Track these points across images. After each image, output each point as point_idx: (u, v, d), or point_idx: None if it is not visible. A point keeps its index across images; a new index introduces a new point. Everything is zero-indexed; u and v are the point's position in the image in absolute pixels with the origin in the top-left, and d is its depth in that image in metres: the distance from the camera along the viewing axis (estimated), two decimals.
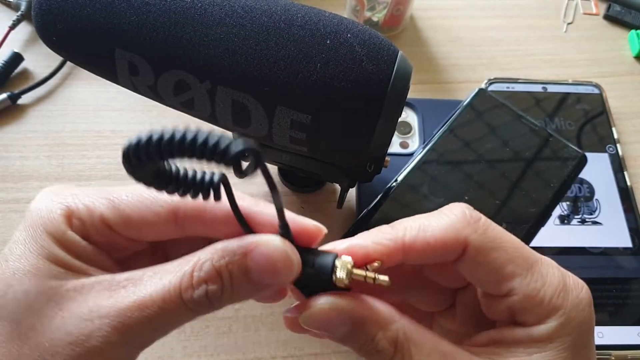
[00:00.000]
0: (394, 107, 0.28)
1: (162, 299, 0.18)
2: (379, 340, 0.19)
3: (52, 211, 0.20)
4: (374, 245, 0.20)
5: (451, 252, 0.20)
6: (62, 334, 0.18)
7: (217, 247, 0.19)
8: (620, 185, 0.43)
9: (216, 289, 0.18)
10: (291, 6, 0.28)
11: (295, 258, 0.19)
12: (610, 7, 0.54)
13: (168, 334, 0.25)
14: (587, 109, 0.47)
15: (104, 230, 0.21)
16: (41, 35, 0.30)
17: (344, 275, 0.19)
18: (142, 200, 0.21)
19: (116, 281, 0.19)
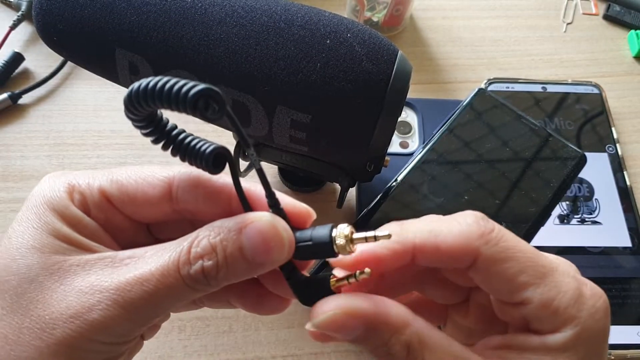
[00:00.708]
0: (394, 106, 0.28)
1: (161, 274, 0.18)
2: (393, 344, 0.19)
3: (54, 189, 0.21)
4: (382, 248, 0.20)
5: (461, 261, 0.20)
6: (63, 308, 0.18)
7: (215, 225, 0.19)
8: (620, 185, 0.43)
9: (212, 265, 0.18)
10: (291, 6, 0.28)
11: (287, 234, 0.19)
12: (610, 7, 0.54)
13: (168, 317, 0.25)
14: (586, 108, 0.47)
15: (104, 204, 0.21)
16: (42, 35, 0.30)
17: (343, 241, 0.19)
18: (139, 174, 0.21)
19: (119, 258, 0.19)
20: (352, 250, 0.19)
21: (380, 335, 0.19)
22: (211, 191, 0.21)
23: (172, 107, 0.16)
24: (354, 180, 0.34)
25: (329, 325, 0.19)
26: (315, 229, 0.20)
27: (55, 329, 0.18)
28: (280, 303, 0.23)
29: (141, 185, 0.21)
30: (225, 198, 0.21)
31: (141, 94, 0.17)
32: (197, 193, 0.21)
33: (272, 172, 0.42)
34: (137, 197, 0.21)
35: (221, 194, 0.21)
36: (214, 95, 0.16)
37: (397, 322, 0.19)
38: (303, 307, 0.36)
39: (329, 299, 0.20)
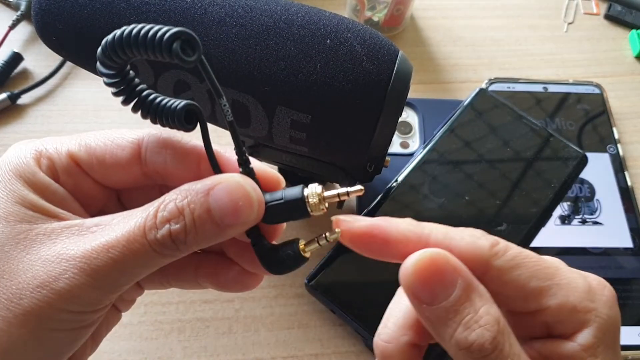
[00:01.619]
0: (395, 106, 0.28)
1: (127, 240, 0.18)
2: (485, 314, 0.18)
3: (21, 156, 0.20)
4: (397, 233, 0.20)
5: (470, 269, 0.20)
6: (29, 278, 0.18)
7: (182, 188, 0.19)
8: (621, 185, 0.42)
9: (179, 228, 0.18)
10: (291, 6, 0.28)
11: (256, 194, 0.19)
12: (611, 7, 0.54)
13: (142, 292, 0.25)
14: (587, 109, 0.47)
15: (72, 169, 0.20)
16: (41, 35, 0.30)
17: (317, 199, 0.19)
18: (109, 137, 0.21)
19: (86, 226, 0.19)
20: (325, 208, 0.19)
21: (473, 301, 0.18)
22: (180, 152, 0.21)
23: (148, 52, 0.16)
24: (354, 180, 0.34)
25: (428, 269, 0.18)
26: (286, 189, 0.20)
27: (23, 299, 0.17)
28: (251, 279, 0.23)
29: (110, 148, 0.20)
30: (195, 160, 0.21)
31: (117, 42, 0.16)
32: (166, 154, 0.20)
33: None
34: (105, 160, 0.21)
35: (190, 155, 0.20)
36: (189, 38, 0.16)
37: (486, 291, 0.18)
38: (303, 309, 0.36)
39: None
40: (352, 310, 0.34)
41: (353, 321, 0.34)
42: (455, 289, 0.18)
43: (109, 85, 0.18)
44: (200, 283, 0.24)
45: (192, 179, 0.19)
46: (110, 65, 0.17)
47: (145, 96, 0.18)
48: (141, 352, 0.34)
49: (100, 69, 0.18)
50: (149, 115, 0.19)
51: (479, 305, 0.18)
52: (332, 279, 0.35)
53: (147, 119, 0.19)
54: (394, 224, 0.20)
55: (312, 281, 0.35)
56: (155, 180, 0.21)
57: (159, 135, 0.21)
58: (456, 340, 0.18)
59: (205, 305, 0.36)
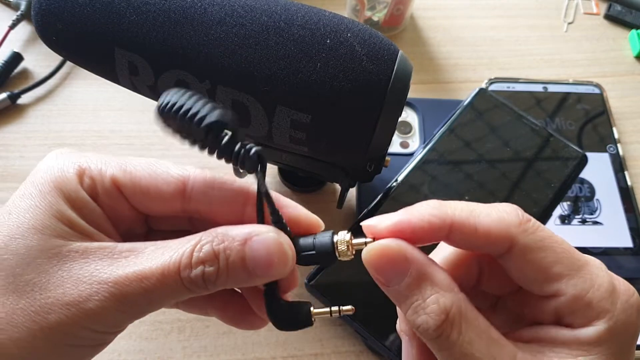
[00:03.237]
0: (394, 106, 0.28)
1: (161, 273, 0.18)
2: (431, 303, 0.19)
3: (64, 169, 0.20)
4: (420, 221, 0.20)
5: (497, 245, 0.20)
6: (59, 294, 0.18)
7: (218, 231, 0.19)
8: (621, 185, 0.42)
9: (212, 271, 0.19)
10: (291, 5, 0.28)
11: (291, 252, 0.20)
12: (611, 6, 0.54)
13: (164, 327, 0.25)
14: (587, 108, 0.47)
15: (113, 193, 0.21)
16: (41, 35, 0.30)
17: (345, 247, 0.20)
18: (154, 169, 0.21)
19: (119, 250, 0.19)
20: (352, 254, 0.20)
21: (422, 291, 0.19)
22: (227, 195, 0.21)
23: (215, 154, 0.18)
24: (354, 180, 0.34)
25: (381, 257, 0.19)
26: (317, 237, 0.20)
27: (50, 314, 0.18)
28: (258, 321, 0.24)
29: (155, 180, 0.21)
30: (240, 204, 0.21)
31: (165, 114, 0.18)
32: (213, 195, 0.21)
33: (272, 172, 0.42)
34: (149, 192, 0.21)
35: (237, 199, 0.21)
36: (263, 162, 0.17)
37: (443, 283, 0.19)
38: None
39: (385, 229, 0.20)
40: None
41: (353, 321, 0.34)
42: (406, 276, 0.19)
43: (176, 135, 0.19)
44: (209, 312, 0.24)
45: (233, 222, 0.20)
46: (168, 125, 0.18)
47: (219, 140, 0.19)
48: (141, 351, 0.34)
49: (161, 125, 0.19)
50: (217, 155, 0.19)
51: (428, 294, 0.19)
52: (332, 279, 0.35)
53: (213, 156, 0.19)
54: (416, 214, 0.20)
55: (312, 281, 0.35)
56: (193, 215, 0.22)
57: (205, 175, 0.21)
58: (408, 319, 0.19)
59: None
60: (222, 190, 0.21)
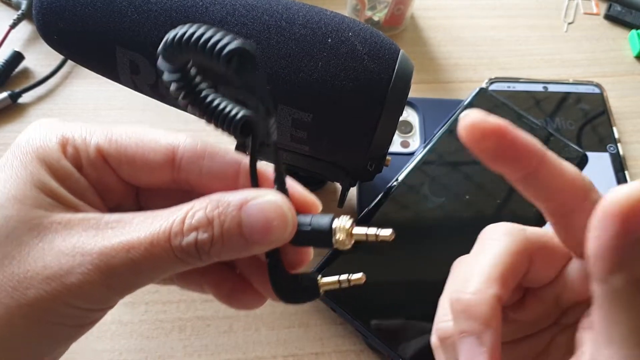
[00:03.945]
0: (395, 105, 0.28)
1: (149, 242, 0.17)
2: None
3: (46, 139, 0.19)
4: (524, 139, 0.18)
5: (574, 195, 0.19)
6: (39, 267, 0.17)
7: (212, 197, 0.18)
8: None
9: (206, 238, 0.17)
10: (292, 5, 0.28)
11: (291, 217, 0.18)
12: (611, 7, 0.54)
13: None
14: (587, 108, 0.47)
15: (98, 163, 0.20)
16: (42, 34, 0.30)
17: (343, 236, 0.18)
18: (141, 137, 0.20)
19: (104, 221, 0.18)
20: (350, 244, 0.18)
21: None
22: (219, 165, 0.20)
23: (205, 59, 0.16)
24: (355, 179, 0.34)
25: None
26: (316, 216, 0.19)
27: (29, 289, 0.17)
28: (255, 299, 0.22)
29: (142, 149, 0.20)
30: (232, 173, 0.20)
31: (176, 43, 0.16)
32: (203, 165, 0.20)
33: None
34: (136, 161, 0.20)
35: (228, 168, 0.20)
36: (248, 56, 0.15)
37: None
38: (304, 308, 0.36)
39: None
40: (353, 308, 0.34)
41: (354, 320, 0.34)
42: None
43: (168, 83, 0.17)
44: (205, 289, 0.23)
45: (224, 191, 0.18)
46: (170, 62, 0.17)
47: (204, 97, 0.18)
48: (142, 350, 0.34)
49: (161, 64, 0.17)
50: (205, 116, 0.18)
51: None
52: None
53: (203, 119, 0.18)
54: (519, 130, 0.19)
55: None
56: (183, 186, 0.21)
57: (196, 144, 0.20)
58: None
59: (206, 304, 0.36)
60: (213, 160, 0.20)
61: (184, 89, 0.17)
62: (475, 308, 0.19)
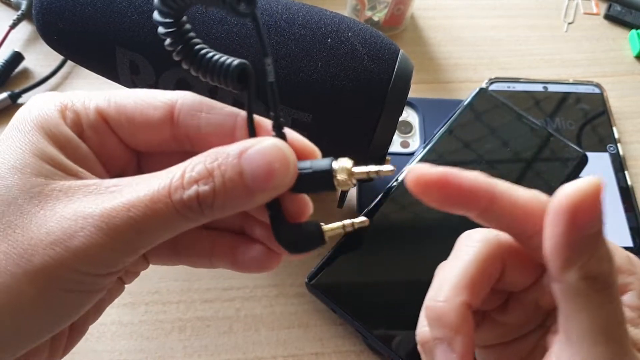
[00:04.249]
0: (395, 105, 0.28)
1: (150, 199, 0.17)
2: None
3: (44, 107, 0.19)
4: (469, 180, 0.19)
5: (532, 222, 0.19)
6: (42, 234, 0.17)
7: (212, 150, 0.18)
8: (621, 185, 0.42)
9: (208, 190, 0.17)
10: (292, 5, 0.28)
11: (292, 158, 0.18)
12: (611, 7, 0.54)
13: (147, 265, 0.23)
14: (587, 108, 0.47)
15: (99, 125, 0.20)
16: (42, 34, 0.30)
17: (345, 175, 0.18)
18: (140, 96, 0.20)
19: (105, 186, 0.18)
20: (353, 184, 0.18)
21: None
22: (216, 117, 0.20)
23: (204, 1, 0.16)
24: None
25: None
26: (315, 160, 0.19)
27: (34, 256, 0.17)
28: (271, 258, 0.22)
29: (141, 106, 0.20)
30: (230, 127, 0.20)
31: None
32: (201, 118, 0.20)
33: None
34: (135, 119, 0.20)
35: (226, 121, 0.20)
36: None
37: None
38: (304, 308, 0.36)
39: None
40: (353, 309, 0.34)
41: (354, 320, 0.34)
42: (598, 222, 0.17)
43: (164, 36, 0.17)
44: (214, 262, 0.22)
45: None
46: (167, 13, 0.17)
47: (198, 49, 0.18)
48: (142, 351, 0.34)
49: (157, 17, 0.17)
50: (200, 69, 0.18)
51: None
52: (333, 278, 0.35)
53: (198, 74, 0.18)
54: (464, 173, 0.19)
55: (313, 280, 0.35)
56: (184, 145, 0.20)
57: (194, 97, 0.20)
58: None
59: (205, 304, 0.36)
60: (210, 113, 0.20)
61: (179, 43, 0.17)
62: (445, 316, 0.20)
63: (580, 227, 0.17)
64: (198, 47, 0.18)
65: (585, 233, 0.17)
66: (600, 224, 0.17)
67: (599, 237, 0.17)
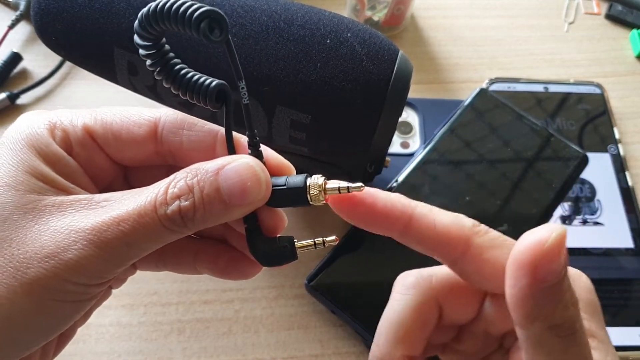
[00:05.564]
0: (395, 106, 0.28)
1: (137, 214, 0.18)
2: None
3: (34, 126, 0.20)
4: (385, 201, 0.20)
5: (454, 245, 0.20)
6: (37, 247, 0.18)
7: (192, 167, 0.19)
8: (622, 186, 0.42)
9: (189, 205, 0.18)
10: (291, 5, 0.28)
11: (264, 176, 0.19)
12: (612, 6, 0.54)
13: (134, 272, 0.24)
14: (588, 108, 0.46)
15: (87, 142, 0.21)
16: (40, 35, 0.30)
17: (317, 191, 0.19)
18: (125, 114, 0.21)
19: (95, 200, 0.19)
20: (325, 200, 0.20)
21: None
22: (197, 134, 0.21)
23: (179, 27, 0.17)
24: (355, 180, 0.33)
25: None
26: (290, 177, 0.20)
27: (29, 268, 0.18)
28: (251, 267, 0.23)
29: (126, 124, 0.21)
30: (210, 143, 0.21)
31: (151, 14, 0.17)
32: (183, 135, 0.21)
33: None
34: (122, 135, 0.21)
35: (207, 138, 0.21)
36: (218, 18, 0.17)
37: None
38: (303, 310, 0.36)
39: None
40: (353, 311, 0.34)
41: (353, 322, 0.34)
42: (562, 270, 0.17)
43: (144, 57, 0.18)
44: (198, 269, 0.24)
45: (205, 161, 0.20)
46: (146, 37, 0.18)
47: (178, 70, 0.19)
48: (141, 352, 0.34)
49: (137, 40, 0.18)
50: (181, 88, 0.19)
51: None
52: (333, 280, 0.35)
53: (178, 92, 0.19)
54: (383, 193, 0.20)
55: (312, 282, 0.35)
56: (167, 160, 0.22)
57: (176, 115, 0.21)
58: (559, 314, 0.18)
59: (205, 306, 0.36)
60: (191, 130, 0.21)
61: (160, 64, 0.18)
62: None
63: (541, 280, 0.17)
64: (177, 67, 0.19)
65: (547, 285, 0.17)
66: (564, 271, 0.17)
67: (562, 286, 0.17)
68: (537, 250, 0.17)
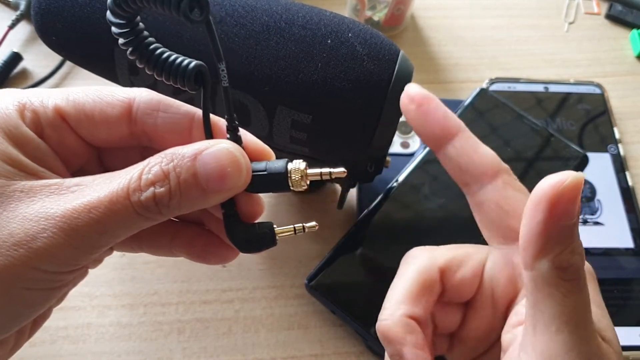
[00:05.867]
0: (395, 107, 0.28)
1: (109, 200, 0.17)
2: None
3: (3, 107, 0.19)
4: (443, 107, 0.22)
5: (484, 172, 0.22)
6: (5, 235, 0.17)
7: (168, 152, 0.18)
8: (622, 186, 0.42)
9: (164, 191, 0.18)
10: (292, 5, 0.28)
11: (244, 162, 0.19)
12: (612, 6, 0.54)
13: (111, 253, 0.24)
14: (588, 108, 0.46)
15: (58, 123, 0.20)
16: (40, 35, 0.30)
17: (299, 176, 0.19)
18: (98, 94, 0.20)
19: (66, 185, 0.18)
20: (306, 185, 0.19)
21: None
22: (173, 116, 0.20)
23: (157, 6, 0.16)
24: (355, 181, 0.34)
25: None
26: (270, 162, 0.20)
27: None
28: (229, 251, 0.23)
29: (99, 104, 0.20)
30: (186, 125, 0.20)
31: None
32: (157, 116, 0.20)
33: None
34: (94, 116, 0.20)
35: (183, 120, 0.20)
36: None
37: None
38: (303, 310, 0.36)
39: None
40: (353, 311, 0.34)
41: (353, 322, 0.34)
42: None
43: (117, 36, 0.18)
44: (174, 252, 0.23)
45: (180, 144, 0.19)
46: (120, 14, 0.17)
47: (153, 49, 0.18)
48: (140, 352, 0.34)
49: (110, 17, 0.17)
50: (156, 69, 0.18)
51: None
52: (333, 280, 0.35)
53: (152, 73, 0.18)
54: (443, 105, 0.23)
55: (312, 282, 0.35)
56: (142, 141, 0.21)
57: (151, 96, 0.20)
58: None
59: (204, 306, 0.36)
60: (167, 112, 0.20)
61: (133, 43, 0.18)
62: (390, 332, 0.21)
63: (558, 217, 0.18)
64: (152, 47, 0.18)
65: (562, 224, 0.18)
66: (577, 218, 0.18)
67: (574, 230, 0.18)
68: (555, 187, 0.17)
